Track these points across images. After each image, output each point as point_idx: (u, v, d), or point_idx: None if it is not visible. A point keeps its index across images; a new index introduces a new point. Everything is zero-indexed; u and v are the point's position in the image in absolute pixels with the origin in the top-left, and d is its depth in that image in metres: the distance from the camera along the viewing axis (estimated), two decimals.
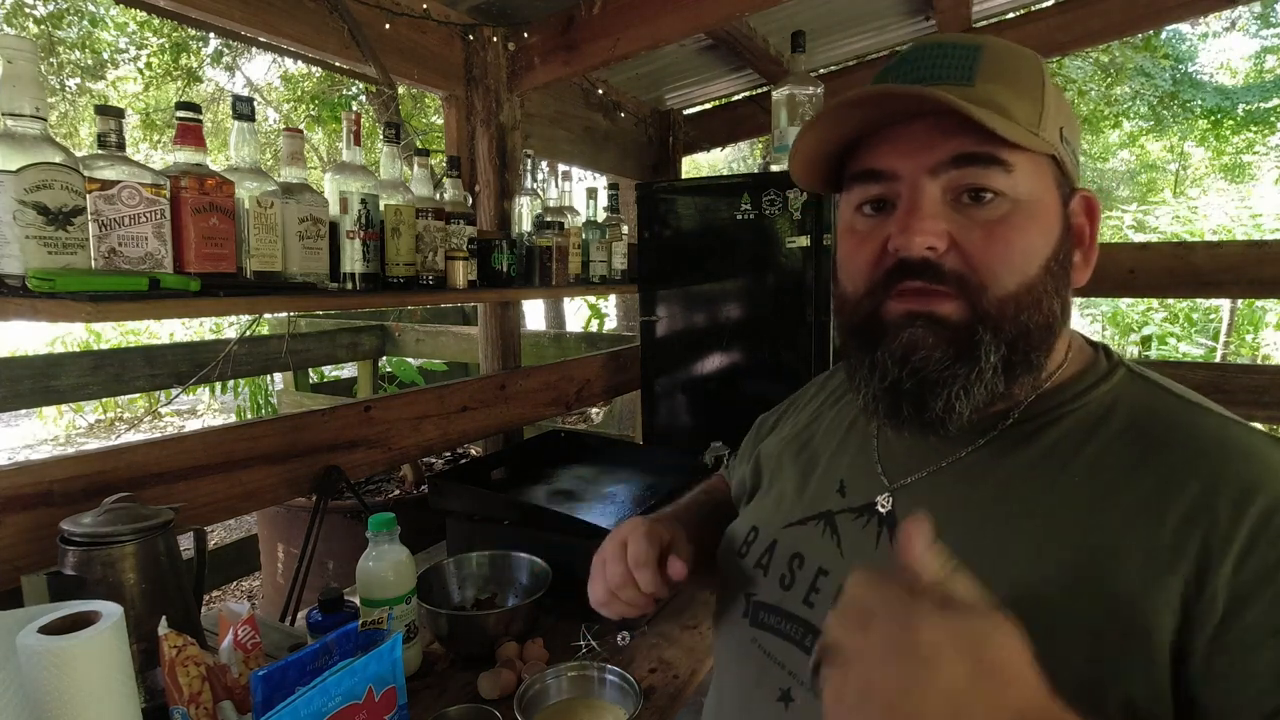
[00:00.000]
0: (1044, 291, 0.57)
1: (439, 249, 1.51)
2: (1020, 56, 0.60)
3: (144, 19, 5.43)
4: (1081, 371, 0.62)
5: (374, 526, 1.16)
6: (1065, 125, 0.59)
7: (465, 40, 1.89)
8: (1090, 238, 0.61)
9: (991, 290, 0.56)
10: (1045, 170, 0.58)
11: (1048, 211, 0.58)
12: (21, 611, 0.83)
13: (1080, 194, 0.61)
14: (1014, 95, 0.56)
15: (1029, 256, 0.57)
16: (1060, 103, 0.59)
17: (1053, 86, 0.59)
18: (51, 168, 0.92)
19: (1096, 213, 0.62)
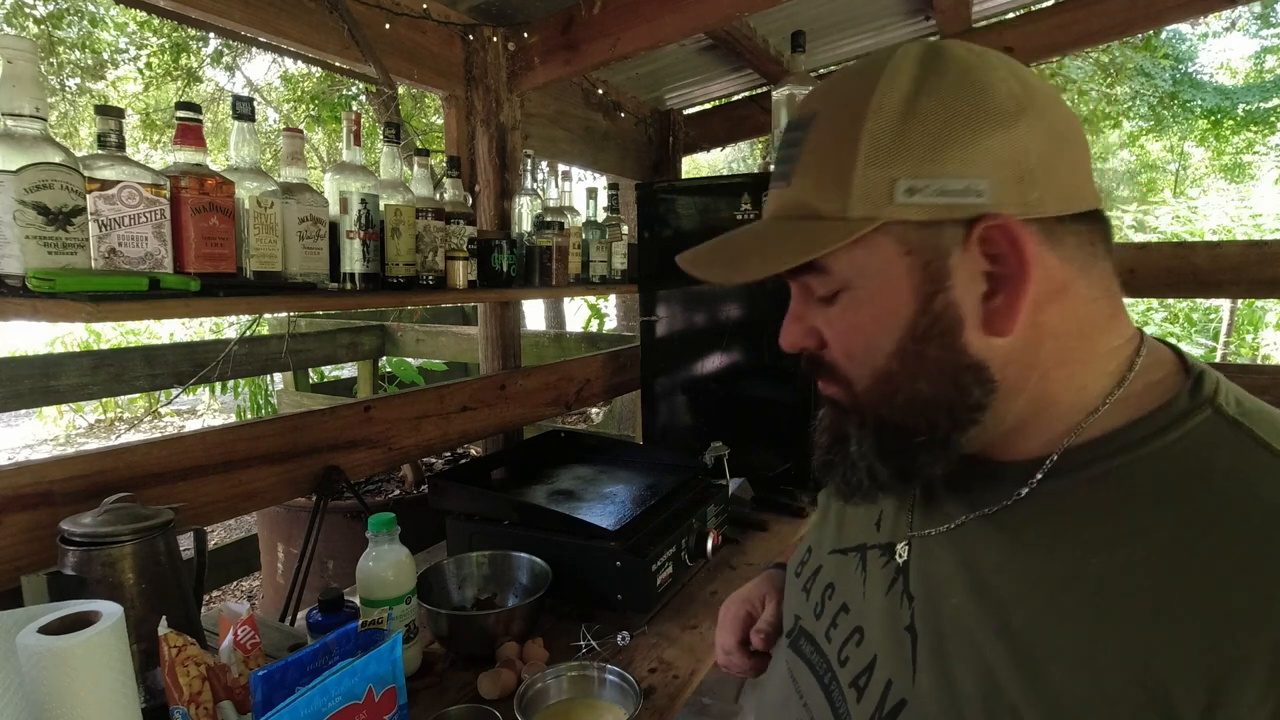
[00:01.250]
0: (905, 375, 0.52)
1: (439, 249, 1.51)
2: (842, 111, 0.51)
3: (144, 19, 5.43)
4: (1149, 414, 0.49)
5: (374, 526, 1.16)
6: (916, 165, 0.48)
7: (465, 40, 1.89)
8: (1018, 269, 0.48)
9: (854, 384, 0.55)
10: (878, 244, 0.50)
11: (890, 288, 0.51)
12: (21, 611, 0.83)
13: (981, 226, 0.48)
14: (820, 185, 0.51)
15: (873, 348, 0.53)
16: (902, 142, 0.48)
17: (886, 127, 0.49)
18: (51, 168, 0.92)
19: (1014, 240, 0.48)
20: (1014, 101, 0.48)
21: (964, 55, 0.50)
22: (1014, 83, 0.49)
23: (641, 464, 1.86)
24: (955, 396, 0.51)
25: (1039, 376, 0.51)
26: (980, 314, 0.50)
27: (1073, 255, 0.50)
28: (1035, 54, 2.37)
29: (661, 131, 2.90)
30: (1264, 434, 0.46)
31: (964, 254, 0.49)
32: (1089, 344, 0.51)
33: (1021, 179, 0.48)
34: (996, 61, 0.50)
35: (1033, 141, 0.48)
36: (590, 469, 1.85)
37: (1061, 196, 0.49)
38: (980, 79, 0.49)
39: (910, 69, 0.50)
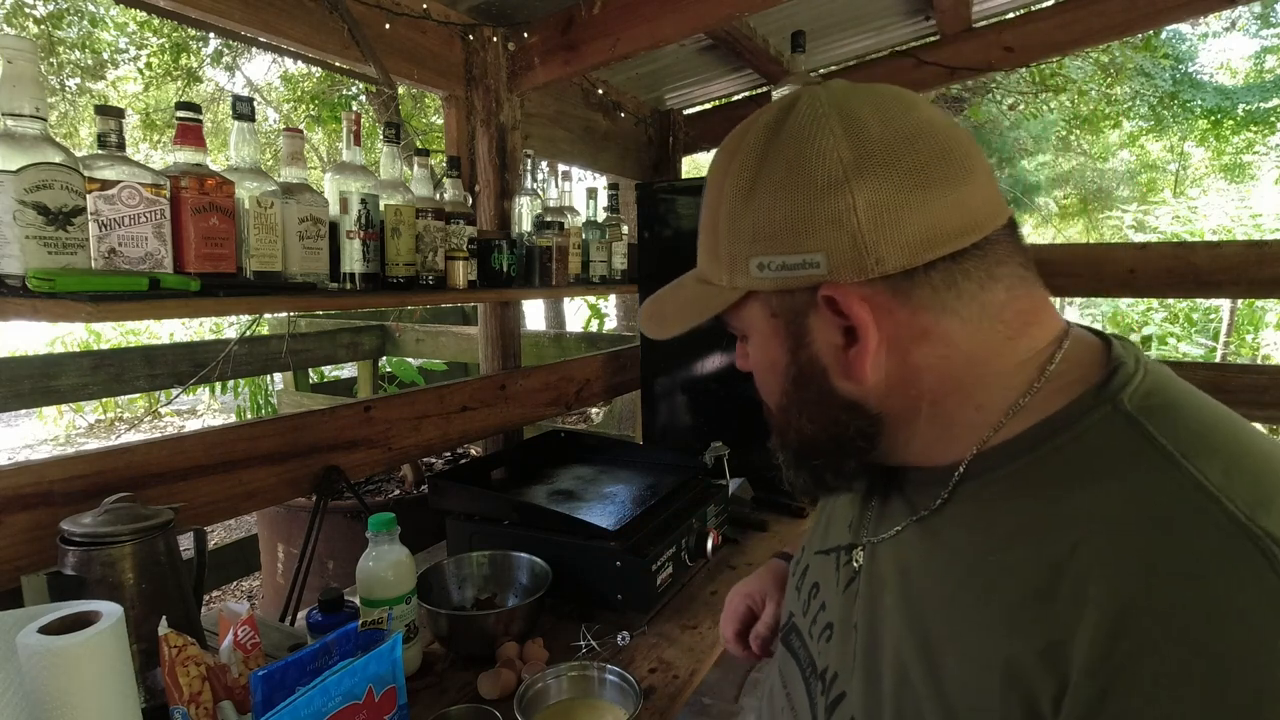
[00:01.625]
0: (794, 412, 0.60)
1: (439, 249, 1.51)
2: (712, 188, 0.59)
3: (144, 19, 5.43)
4: (1052, 415, 0.51)
5: (374, 526, 1.17)
6: (762, 244, 0.54)
7: (465, 40, 1.89)
8: (861, 328, 0.52)
9: (771, 410, 0.64)
10: (751, 307, 0.59)
11: (768, 342, 0.59)
12: (21, 611, 0.83)
13: (820, 293, 0.53)
14: (708, 255, 0.61)
15: (768, 386, 0.63)
16: (745, 222, 0.55)
17: (733, 208, 0.56)
18: (51, 168, 0.92)
19: (848, 305, 0.52)
20: (840, 169, 0.51)
21: (803, 122, 0.53)
22: (844, 149, 0.51)
23: (641, 464, 1.86)
24: (837, 430, 0.58)
25: (929, 404, 0.55)
26: (840, 362, 0.55)
27: (929, 302, 0.52)
28: (1035, 54, 2.37)
29: (661, 131, 2.90)
30: (1158, 430, 0.47)
31: (817, 314, 0.55)
32: (981, 368, 0.53)
33: (854, 246, 0.51)
34: (834, 124, 0.52)
35: (864, 207, 0.50)
36: (590, 469, 1.85)
37: (909, 251, 0.50)
38: (807, 151, 0.52)
39: (755, 145, 0.55)
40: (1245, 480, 0.43)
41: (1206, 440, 0.46)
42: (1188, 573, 0.40)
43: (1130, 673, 0.40)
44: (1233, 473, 0.43)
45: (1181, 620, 0.39)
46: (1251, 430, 0.48)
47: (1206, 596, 0.39)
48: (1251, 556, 0.39)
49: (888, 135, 0.51)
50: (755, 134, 0.56)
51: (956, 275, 0.52)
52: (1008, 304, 0.54)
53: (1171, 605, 0.40)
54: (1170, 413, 0.48)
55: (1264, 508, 0.41)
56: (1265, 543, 0.39)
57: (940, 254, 0.51)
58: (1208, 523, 0.41)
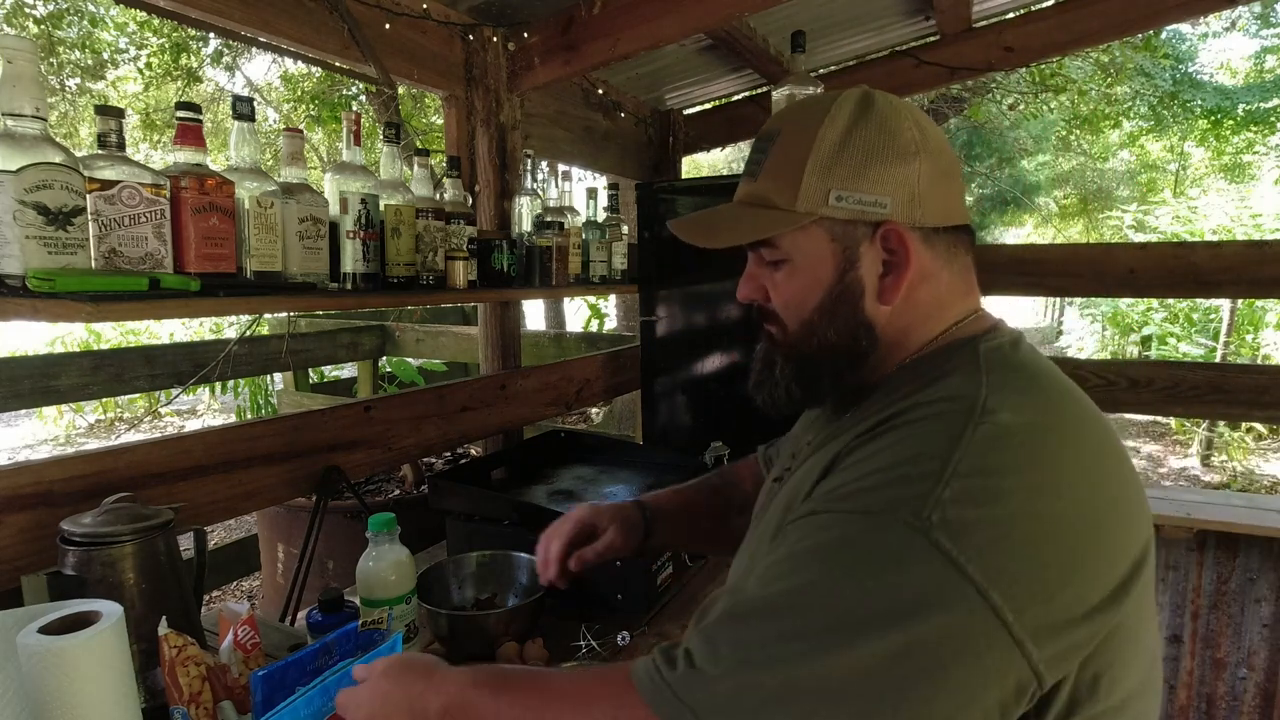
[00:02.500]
0: (820, 325, 0.74)
1: (439, 249, 1.51)
2: (798, 134, 0.72)
3: (144, 19, 5.43)
4: (940, 348, 0.73)
5: (374, 526, 1.17)
6: (844, 181, 0.70)
7: (465, 40, 1.89)
8: (903, 260, 0.71)
9: (787, 328, 0.76)
10: (814, 232, 0.72)
11: (818, 263, 0.72)
12: (21, 611, 0.83)
13: (883, 229, 0.70)
14: (778, 185, 0.72)
15: (802, 304, 0.74)
16: (837, 163, 0.70)
17: (827, 151, 0.70)
18: (51, 168, 0.92)
19: (902, 240, 0.70)
20: (914, 145, 0.70)
21: (884, 106, 0.72)
22: (915, 131, 0.71)
23: (641, 464, 1.86)
24: (851, 345, 0.74)
25: (901, 335, 0.74)
26: (877, 287, 0.72)
27: (941, 254, 0.73)
28: (1035, 54, 2.37)
29: (661, 131, 2.90)
30: (984, 362, 0.67)
31: (870, 246, 0.71)
32: (942, 312, 0.74)
33: (912, 199, 0.70)
34: (905, 113, 0.72)
35: (923, 174, 0.70)
36: (590, 469, 1.85)
37: (938, 214, 0.72)
38: (893, 126, 0.70)
39: (847, 111, 0.71)
40: (1008, 393, 0.63)
41: (1009, 373, 0.66)
42: (924, 406, 0.64)
43: (864, 445, 0.65)
44: (1004, 388, 0.63)
45: (892, 436, 0.64)
46: (1057, 384, 0.68)
47: (920, 430, 0.63)
48: (962, 415, 0.61)
49: (934, 136, 0.73)
50: (848, 105, 0.72)
51: (957, 241, 0.74)
52: (965, 273, 0.76)
53: (903, 425, 0.64)
54: (1002, 357, 0.69)
55: (999, 403, 0.61)
56: (977, 416, 0.60)
57: (952, 224, 0.73)
58: (956, 410, 0.62)
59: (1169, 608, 2.25)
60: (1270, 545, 2.10)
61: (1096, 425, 0.65)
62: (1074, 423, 0.63)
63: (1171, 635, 2.25)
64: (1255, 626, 2.15)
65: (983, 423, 0.59)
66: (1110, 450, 0.64)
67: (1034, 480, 0.57)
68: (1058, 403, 0.65)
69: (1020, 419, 0.60)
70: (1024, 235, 17.51)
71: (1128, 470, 0.65)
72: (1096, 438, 0.63)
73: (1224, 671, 2.20)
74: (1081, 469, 0.60)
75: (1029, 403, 0.63)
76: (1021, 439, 0.59)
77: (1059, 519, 0.56)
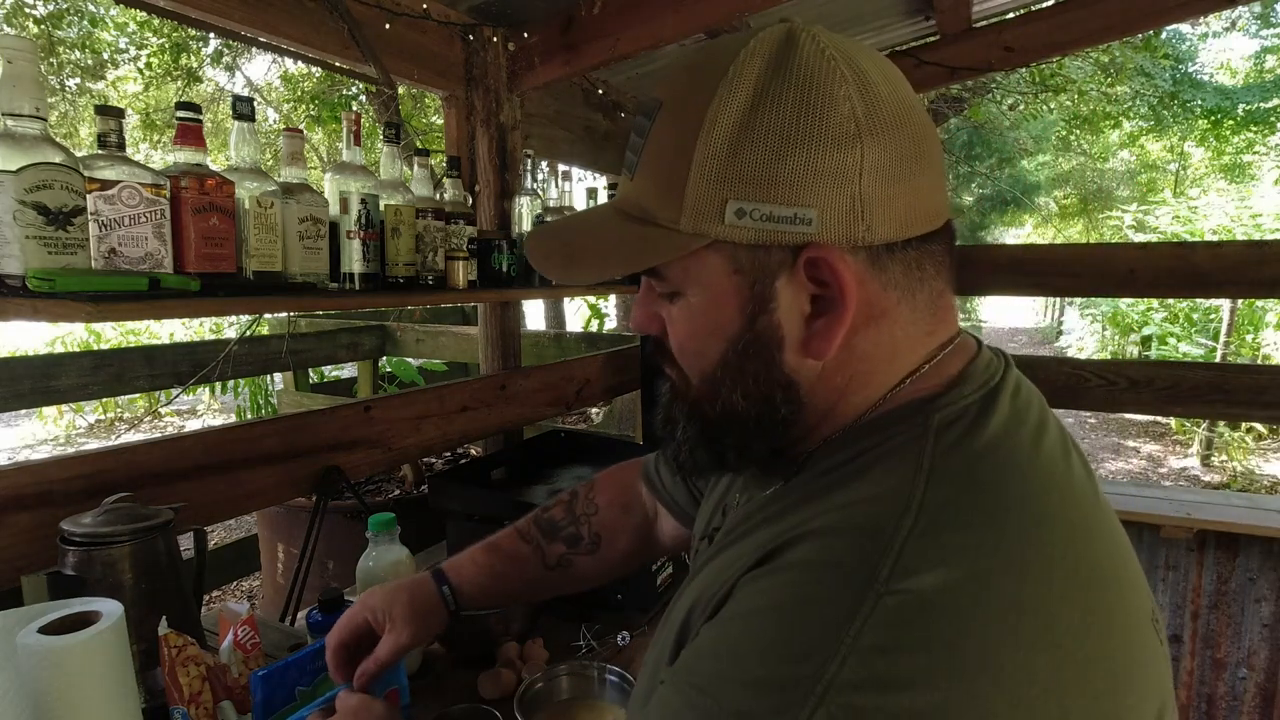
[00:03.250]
0: (725, 385, 0.53)
1: (439, 249, 1.51)
2: (682, 111, 0.50)
3: (144, 19, 5.43)
4: (881, 415, 0.52)
5: (374, 526, 1.17)
6: (747, 187, 0.47)
7: (465, 40, 1.89)
8: (838, 299, 0.48)
9: (688, 378, 0.57)
10: (708, 259, 0.50)
11: (718, 303, 0.51)
12: (21, 611, 0.83)
13: (806, 255, 0.48)
14: (658, 191, 0.51)
15: (701, 353, 0.54)
16: (736, 160, 0.47)
17: (721, 141, 0.47)
18: (51, 168, 0.92)
19: (835, 272, 0.48)
20: (853, 124, 0.46)
21: (811, 59, 0.47)
22: (857, 101, 0.46)
23: None
24: (765, 411, 0.53)
25: (838, 396, 0.52)
26: (801, 335, 0.51)
27: (899, 281, 0.50)
28: (1035, 54, 2.37)
29: None
30: (934, 448, 0.47)
31: (790, 278, 0.49)
32: (894, 363, 0.52)
33: (851, 208, 0.47)
34: (846, 71, 0.47)
35: (868, 168, 0.47)
36: (590, 469, 1.85)
37: (895, 223, 0.48)
38: (822, 95, 0.46)
39: (754, 73, 0.48)
40: (950, 520, 0.43)
41: (957, 480, 0.45)
42: (816, 565, 0.44)
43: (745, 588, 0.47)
44: (940, 513, 0.43)
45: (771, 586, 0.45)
46: (1030, 494, 0.45)
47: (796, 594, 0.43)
48: (864, 573, 0.41)
49: (892, 98, 0.48)
50: (754, 62, 0.48)
51: (924, 257, 0.51)
52: (940, 296, 0.53)
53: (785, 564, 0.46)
54: (955, 440, 0.48)
55: (921, 551, 0.41)
56: (883, 578, 0.40)
57: (918, 233, 0.49)
58: (866, 553, 0.42)
59: (1169, 608, 2.25)
60: (1270, 545, 2.10)
61: (1078, 568, 0.43)
62: (1038, 576, 0.41)
63: (1172, 635, 2.26)
64: (1255, 626, 2.15)
65: (889, 592, 0.39)
66: (1102, 609, 0.42)
67: (959, 686, 0.37)
68: (1018, 541, 0.42)
69: (951, 580, 0.39)
70: (1024, 235, 17.52)
71: (1136, 636, 0.44)
72: (1075, 602, 0.41)
73: (1224, 671, 2.21)
74: (1042, 659, 0.38)
75: (971, 549, 0.41)
76: (946, 615, 0.39)
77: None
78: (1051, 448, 0.49)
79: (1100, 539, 0.46)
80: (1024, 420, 0.50)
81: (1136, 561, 0.48)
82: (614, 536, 0.96)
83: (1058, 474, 0.47)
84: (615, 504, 0.97)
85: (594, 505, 0.98)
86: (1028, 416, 0.51)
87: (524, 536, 0.97)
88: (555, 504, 0.99)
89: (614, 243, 0.54)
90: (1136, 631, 0.44)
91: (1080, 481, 0.49)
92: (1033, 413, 0.51)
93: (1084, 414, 8.13)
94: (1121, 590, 0.44)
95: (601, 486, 1.00)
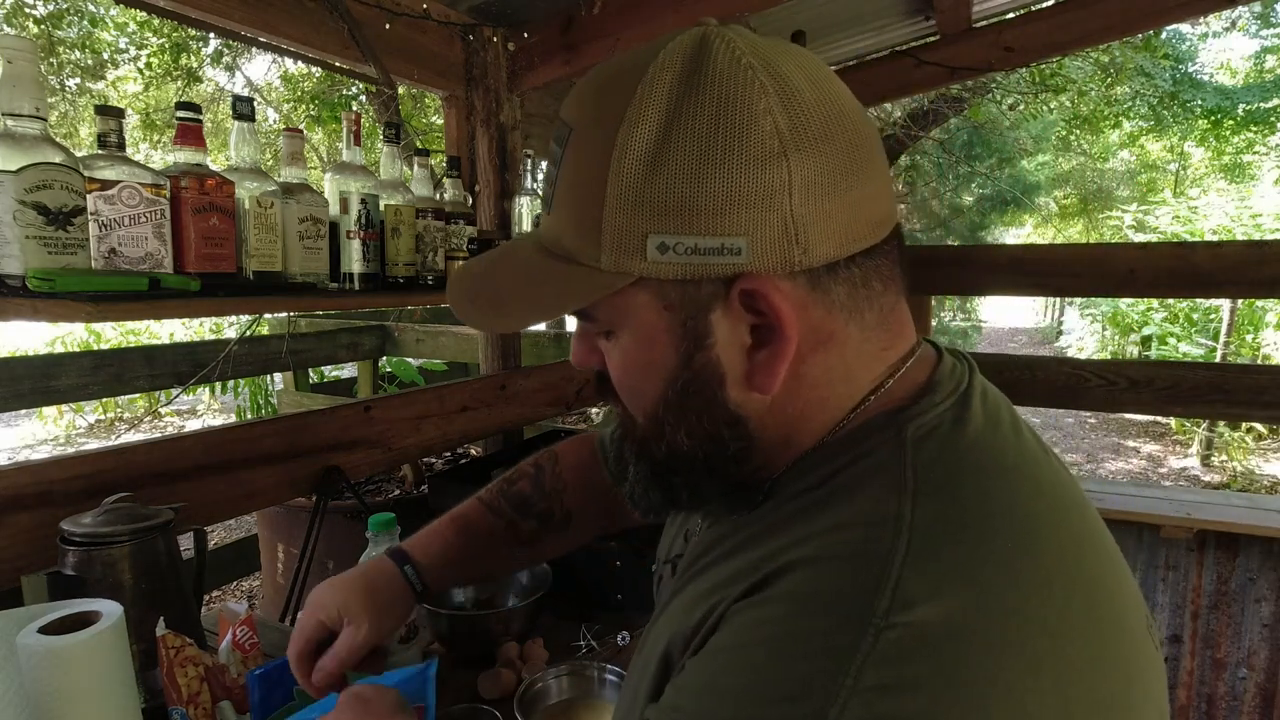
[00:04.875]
0: (670, 423, 0.50)
1: (439, 249, 1.51)
2: (591, 138, 0.46)
3: (144, 19, 5.43)
4: (850, 432, 0.49)
5: (374, 526, 1.16)
6: (667, 219, 0.44)
7: (465, 40, 1.89)
8: (777, 330, 0.45)
9: (632, 416, 0.54)
10: (636, 297, 0.47)
11: (651, 341, 0.48)
12: (22, 611, 0.83)
13: (739, 286, 0.45)
14: (575, 225, 0.47)
15: (640, 393, 0.52)
16: (651, 190, 0.43)
17: (634, 170, 0.44)
18: (51, 168, 0.92)
19: (772, 304, 0.44)
20: (776, 140, 0.42)
21: (727, 72, 0.44)
22: (779, 114, 0.43)
23: None
24: (713, 450, 0.50)
25: (793, 425, 0.50)
26: (743, 368, 0.47)
27: (844, 302, 0.47)
28: (1035, 54, 2.37)
29: None
30: (913, 459, 0.45)
31: (725, 311, 0.46)
32: (851, 384, 0.49)
33: (784, 232, 0.43)
34: (765, 80, 0.43)
35: (799, 186, 0.43)
36: None
37: (834, 241, 0.45)
38: (740, 110, 0.43)
39: (664, 91, 0.44)
40: (942, 541, 0.40)
41: (944, 496, 0.43)
42: (806, 596, 0.41)
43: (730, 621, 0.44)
44: (931, 537, 0.41)
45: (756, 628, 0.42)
46: (1019, 504, 0.43)
47: (792, 625, 0.40)
48: (858, 614, 0.38)
49: (821, 104, 0.44)
50: (664, 79, 0.44)
51: (871, 273, 0.47)
52: (894, 309, 0.50)
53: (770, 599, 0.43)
54: (936, 452, 0.45)
55: (918, 577, 0.38)
56: (881, 612, 0.37)
57: (861, 247, 0.46)
58: (861, 584, 0.39)
59: (1169, 608, 2.25)
60: (1270, 545, 2.10)
61: (1076, 581, 0.41)
62: (1037, 594, 0.39)
63: (1171, 635, 2.26)
64: (1255, 626, 2.15)
65: (889, 626, 0.37)
66: (1104, 621, 0.41)
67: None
68: (1014, 558, 0.40)
69: (951, 607, 0.37)
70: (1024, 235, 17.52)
71: (1136, 646, 0.42)
72: (1076, 618, 0.40)
73: (1224, 671, 2.20)
74: (1050, 685, 0.37)
75: (967, 569, 0.39)
76: (948, 648, 0.37)
77: None
78: (1031, 448, 0.48)
79: (1091, 545, 0.44)
80: (999, 422, 0.48)
81: (1125, 564, 0.47)
82: (584, 513, 0.95)
83: (1042, 478, 0.46)
84: (582, 481, 0.94)
85: (562, 481, 0.94)
86: (1000, 418, 0.49)
87: (494, 510, 0.92)
88: (519, 477, 0.95)
89: (538, 284, 0.50)
90: (1136, 641, 0.42)
91: (1065, 482, 0.48)
92: (1004, 414, 0.50)
93: (1084, 414, 8.14)
94: (1119, 599, 0.43)
95: (565, 463, 0.96)
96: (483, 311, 0.55)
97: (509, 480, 0.95)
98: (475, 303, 0.55)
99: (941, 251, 2.34)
